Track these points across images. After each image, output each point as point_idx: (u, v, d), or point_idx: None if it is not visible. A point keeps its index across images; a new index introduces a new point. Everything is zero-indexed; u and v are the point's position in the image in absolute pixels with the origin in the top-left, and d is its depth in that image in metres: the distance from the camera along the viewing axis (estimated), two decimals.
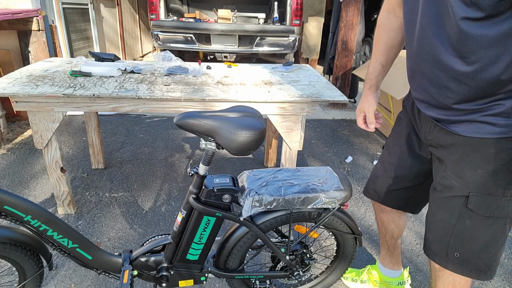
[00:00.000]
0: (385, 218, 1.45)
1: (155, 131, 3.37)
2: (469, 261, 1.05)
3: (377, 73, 1.26)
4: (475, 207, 0.99)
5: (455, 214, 1.03)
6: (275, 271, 1.37)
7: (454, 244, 1.06)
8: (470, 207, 1.00)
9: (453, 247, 1.06)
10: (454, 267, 1.08)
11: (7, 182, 2.38)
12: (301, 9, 4.87)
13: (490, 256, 1.04)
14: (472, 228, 1.02)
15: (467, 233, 1.03)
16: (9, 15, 2.80)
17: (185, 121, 1.05)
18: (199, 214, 1.17)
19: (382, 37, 1.22)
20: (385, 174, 1.32)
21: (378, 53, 1.24)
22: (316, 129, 3.60)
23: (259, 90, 1.84)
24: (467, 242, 1.04)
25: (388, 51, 1.23)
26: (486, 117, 0.93)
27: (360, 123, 1.32)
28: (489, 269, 1.05)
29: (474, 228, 1.02)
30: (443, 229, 1.07)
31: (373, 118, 1.29)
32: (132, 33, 6.44)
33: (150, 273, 1.29)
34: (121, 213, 2.12)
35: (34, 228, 1.10)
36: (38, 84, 1.76)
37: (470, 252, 1.05)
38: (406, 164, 1.24)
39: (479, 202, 0.99)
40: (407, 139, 1.23)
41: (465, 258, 1.06)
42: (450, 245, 1.07)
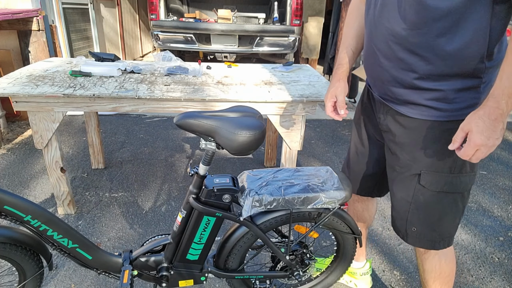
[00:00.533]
0: (359, 207, 1.50)
1: (155, 131, 3.37)
2: (425, 234, 1.16)
3: (348, 59, 1.28)
4: (427, 183, 1.09)
5: (411, 192, 1.13)
6: (275, 271, 1.37)
7: (411, 219, 1.16)
8: (422, 183, 1.10)
9: (410, 222, 1.17)
10: (413, 240, 1.19)
11: (7, 182, 2.38)
12: (301, 9, 4.87)
13: (443, 228, 1.14)
14: (425, 203, 1.12)
15: (421, 208, 1.13)
16: (9, 15, 2.80)
17: (185, 121, 1.05)
18: (199, 214, 1.17)
19: (353, 25, 1.27)
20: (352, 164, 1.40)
21: (349, 39, 1.28)
22: (316, 129, 3.60)
23: (259, 90, 1.84)
24: (422, 216, 1.14)
25: (358, 38, 1.27)
26: (428, 101, 1.02)
27: (329, 111, 1.27)
28: (443, 240, 1.16)
29: (426, 203, 1.12)
30: (402, 207, 1.17)
31: (344, 103, 1.27)
32: (132, 33, 6.44)
33: (150, 273, 1.29)
34: (121, 213, 2.12)
35: (34, 228, 1.10)
36: (38, 84, 1.76)
37: (425, 225, 1.15)
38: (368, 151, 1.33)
39: (429, 179, 1.08)
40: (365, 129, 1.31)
41: (421, 232, 1.16)
42: (408, 221, 1.17)
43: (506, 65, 0.86)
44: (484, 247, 1.97)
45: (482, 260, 1.88)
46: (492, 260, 1.88)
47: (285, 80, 2.07)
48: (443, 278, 1.24)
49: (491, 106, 0.87)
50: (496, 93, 0.87)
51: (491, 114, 0.87)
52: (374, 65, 1.12)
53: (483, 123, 0.88)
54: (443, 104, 1.01)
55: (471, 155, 0.91)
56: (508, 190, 2.59)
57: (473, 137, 0.89)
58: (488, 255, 1.92)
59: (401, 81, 1.05)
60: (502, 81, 0.86)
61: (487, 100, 0.88)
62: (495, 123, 0.87)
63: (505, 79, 0.85)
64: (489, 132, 0.88)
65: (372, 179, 1.37)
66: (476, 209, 2.33)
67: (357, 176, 1.39)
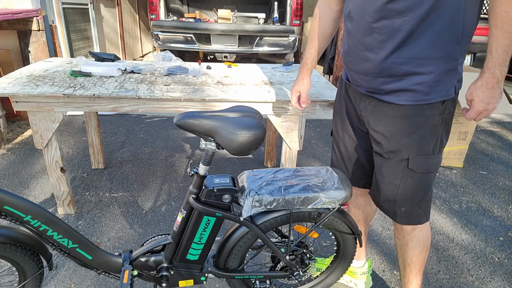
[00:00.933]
0: (362, 201, 1.53)
1: (155, 131, 3.37)
2: (413, 212, 1.26)
3: (312, 59, 1.43)
4: (414, 166, 1.18)
5: (399, 176, 1.21)
6: (275, 271, 1.37)
7: (400, 201, 1.24)
8: (411, 167, 1.18)
9: (399, 203, 1.25)
10: (402, 219, 1.28)
11: (7, 182, 2.38)
12: (301, 9, 4.87)
13: (426, 203, 1.26)
14: (413, 184, 1.21)
15: (409, 189, 1.21)
16: (9, 15, 2.80)
17: (185, 121, 1.05)
18: (199, 214, 1.17)
19: (318, 28, 1.39)
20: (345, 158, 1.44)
21: (314, 41, 1.41)
22: (316, 129, 3.60)
23: (259, 90, 1.84)
24: (409, 197, 1.23)
25: (322, 40, 1.40)
26: (414, 85, 1.09)
27: (294, 101, 1.49)
28: (425, 214, 1.28)
29: (414, 185, 1.21)
30: (390, 190, 1.25)
31: (307, 98, 1.47)
32: (132, 33, 6.44)
33: (150, 273, 1.29)
34: (121, 213, 2.12)
35: (34, 228, 1.10)
36: (38, 84, 1.76)
37: (412, 204, 1.24)
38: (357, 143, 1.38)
39: (417, 162, 1.17)
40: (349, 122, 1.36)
41: (409, 211, 1.26)
42: (397, 202, 1.25)
43: (492, 40, 0.98)
44: (484, 247, 1.97)
45: (482, 260, 1.88)
46: (492, 260, 1.88)
47: (285, 80, 2.07)
48: (425, 252, 1.35)
49: (487, 77, 1.01)
50: (489, 65, 1.00)
51: (488, 83, 1.01)
52: (357, 60, 1.17)
53: (482, 92, 1.02)
54: (427, 87, 1.09)
55: (475, 117, 1.07)
56: (508, 190, 2.59)
57: (475, 105, 1.04)
58: (488, 255, 1.92)
59: (388, 70, 1.10)
60: (493, 54, 0.99)
61: (483, 73, 1.01)
62: (493, 91, 1.01)
63: (495, 52, 0.98)
64: (488, 99, 1.02)
65: (366, 170, 1.41)
66: (476, 209, 2.33)
67: (353, 169, 1.43)
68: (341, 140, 1.42)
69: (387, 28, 1.06)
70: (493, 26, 0.97)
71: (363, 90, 1.22)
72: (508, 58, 0.98)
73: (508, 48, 0.97)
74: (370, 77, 1.16)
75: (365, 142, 1.35)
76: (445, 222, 2.18)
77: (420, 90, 1.09)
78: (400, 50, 1.06)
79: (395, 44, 1.06)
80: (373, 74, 1.14)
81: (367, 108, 1.23)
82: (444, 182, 2.65)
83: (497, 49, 0.97)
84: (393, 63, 1.09)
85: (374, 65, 1.12)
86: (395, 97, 1.13)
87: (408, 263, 1.38)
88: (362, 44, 1.13)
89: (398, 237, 1.37)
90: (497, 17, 0.95)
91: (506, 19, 0.94)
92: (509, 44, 0.96)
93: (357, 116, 1.31)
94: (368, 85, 1.18)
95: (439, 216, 2.24)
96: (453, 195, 2.48)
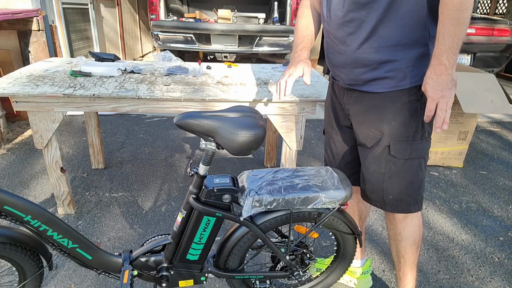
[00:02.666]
0: (354, 197, 1.54)
1: (155, 131, 3.37)
2: (401, 199, 1.27)
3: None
4: (396, 153, 1.20)
5: (383, 163, 1.24)
6: (275, 271, 1.37)
7: (386, 188, 1.26)
8: (392, 153, 1.21)
9: (386, 191, 1.27)
10: (391, 207, 1.29)
11: (7, 182, 2.38)
12: None
13: (415, 191, 1.26)
14: (397, 171, 1.23)
15: (394, 176, 1.24)
16: (9, 15, 2.80)
17: (185, 121, 1.05)
18: (199, 214, 1.17)
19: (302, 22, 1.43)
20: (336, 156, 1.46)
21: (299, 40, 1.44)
22: (316, 129, 3.60)
23: (259, 90, 1.84)
24: (395, 184, 1.25)
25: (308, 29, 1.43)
26: (388, 72, 1.14)
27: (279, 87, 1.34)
28: (416, 203, 1.28)
29: (398, 171, 1.23)
30: (376, 179, 1.27)
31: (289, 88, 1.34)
32: (132, 33, 6.44)
33: (150, 273, 1.29)
34: (121, 213, 2.12)
35: (34, 228, 1.10)
36: (38, 84, 1.76)
37: (400, 192, 1.25)
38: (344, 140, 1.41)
39: (398, 148, 1.20)
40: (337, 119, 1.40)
41: (397, 198, 1.27)
42: (384, 191, 1.27)
43: (439, 27, 1.01)
44: (484, 247, 1.97)
45: (482, 260, 1.88)
46: (492, 260, 1.88)
47: None
48: (417, 242, 1.36)
49: (434, 64, 1.03)
50: (436, 52, 1.02)
51: (436, 70, 1.03)
52: (334, 54, 1.24)
53: (431, 80, 1.04)
54: (401, 74, 1.13)
55: (433, 109, 1.06)
56: (508, 190, 2.58)
57: (429, 94, 1.05)
58: (488, 255, 1.92)
59: (361, 60, 1.16)
60: (439, 40, 1.01)
61: (432, 60, 1.04)
62: (442, 77, 1.02)
63: (441, 39, 1.00)
64: (439, 85, 1.03)
65: (356, 166, 1.43)
66: (476, 209, 2.33)
67: (343, 166, 1.46)
68: (331, 138, 1.46)
69: (355, 21, 1.12)
70: (440, 13, 1.00)
71: (344, 84, 1.27)
72: (455, 45, 0.99)
73: (454, 34, 0.98)
74: (347, 69, 1.21)
75: (351, 138, 1.38)
76: (445, 222, 2.18)
77: (394, 76, 1.14)
78: (369, 40, 1.12)
79: (364, 35, 1.12)
80: (349, 65, 1.20)
81: (349, 101, 1.28)
82: (444, 182, 2.65)
83: (443, 36, 1.00)
84: (365, 53, 1.14)
85: (348, 57, 1.18)
86: (373, 86, 1.18)
87: (402, 254, 1.39)
88: (336, 38, 1.20)
89: (390, 228, 1.38)
90: (443, 4, 0.99)
91: (450, 5, 0.97)
92: (455, 31, 0.98)
93: (342, 112, 1.36)
94: (347, 77, 1.23)
95: (439, 216, 2.24)
96: (453, 195, 2.48)
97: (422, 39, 1.10)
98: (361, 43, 1.13)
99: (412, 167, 1.22)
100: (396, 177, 1.24)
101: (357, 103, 1.25)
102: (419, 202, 1.29)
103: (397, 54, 1.11)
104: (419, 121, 1.18)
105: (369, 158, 1.27)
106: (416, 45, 1.10)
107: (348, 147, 1.41)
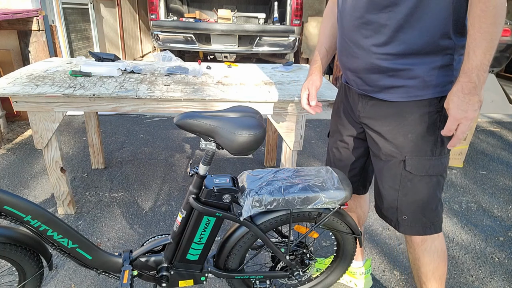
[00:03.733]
0: (352, 204, 1.51)
1: (155, 131, 3.37)
2: (416, 220, 1.17)
3: (322, 56, 1.37)
4: (412, 168, 1.11)
5: (398, 179, 1.15)
6: (275, 271, 1.37)
7: (400, 207, 1.17)
8: (408, 169, 1.12)
9: (401, 211, 1.18)
10: (404, 228, 1.20)
11: (7, 182, 2.38)
12: (301, 9, 4.87)
13: (431, 212, 1.16)
14: (412, 189, 1.14)
15: (410, 195, 1.14)
16: (9, 15, 2.80)
17: (185, 121, 1.05)
18: (199, 214, 1.17)
19: (327, 25, 1.36)
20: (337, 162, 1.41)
21: (323, 39, 1.37)
22: (316, 129, 3.60)
23: (259, 90, 1.84)
24: (411, 203, 1.15)
25: (332, 37, 1.36)
26: (405, 80, 1.05)
27: (304, 103, 1.37)
28: (433, 225, 1.18)
29: (414, 189, 1.13)
30: (391, 196, 1.18)
31: (314, 96, 1.36)
32: (132, 33, 6.44)
33: (150, 273, 1.29)
34: (121, 213, 2.12)
35: (34, 228, 1.10)
36: (38, 84, 1.76)
37: (414, 212, 1.16)
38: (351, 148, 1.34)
39: (414, 164, 1.11)
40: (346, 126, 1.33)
41: (412, 219, 1.17)
42: (398, 209, 1.18)
43: (470, 41, 0.92)
44: (484, 247, 1.97)
45: (482, 260, 1.88)
46: (492, 260, 1.88)
47: (285, 80, 2.07)
48: (440, 271, 1.25)
49: (463, 81, 0.94)
50: (466, 68, 0.93)
51: (464, 88, 0.93)
52: (349, 57, 1.16)
53: (457, 98, 0.94)
54: (420, 82, 1.05)
55: (454, 129, 0.97)
56: (508, 190, 2.58)
57: (452, 112, 0.96)
58: (488, 255, 1.92)
59: (377, 66, 1.08)
60: (470, 56, 0.92)
61: (460, 76, 0.95)
62: (470, 97, 0.93)
63: (472, 54, 0.92)
64: (464, 105, 0.94)
65: (356, 175, 1.39)
66: (476, 209, 2.33)
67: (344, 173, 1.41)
68: (335, 143, 1.39)
69: (373, 24, 1.04)
70: (471, 26, 0.91)
71: (358, 90, 1.19)
72: (486, 61, 0.91)
73: (486, 50, 0.90)
74: (362, 74, 1.14)
75: (358, 147, 1.32)
76: (445, 222, 2.18)
77: (412, 85, 1.06)
78: (388, 46, 1.04)
79: (383, 40, 1.04)
80: (364, 71, 1.12)
81: (365, 108, 1.19)
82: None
83: (474, 51, 0.91)
84: (382, 59, 1.06)
85: (363, 62, 1.10)
86: (389, 94, 1.10)
87: (423, 281, 1.27)
88: (351, 40, 1.12)
89: (409, 251, 1.28)
90: (474, 16, 0.90)
91: (484, 18, 0.89)
92: (487, 47, 0.90)
93: (354, 120, 1.28)
94: (361, 83, 1.16)
95: None
96: (453, 195, 2.48)
97: (446, 48, 1.01)
98: (379, 48, 1.05)
99: (429, 185, 1.13)
100: (411, 195, 1.14)
101: (372, 112, 1.17)
102: (436, 224, 1.18)
103: (417, 62, 1.03)
104: (438, 135, 1.09)
105: (384, 172, 1.18)
106: (439, 54, 1.02)
107: (354, 155, 1.34)
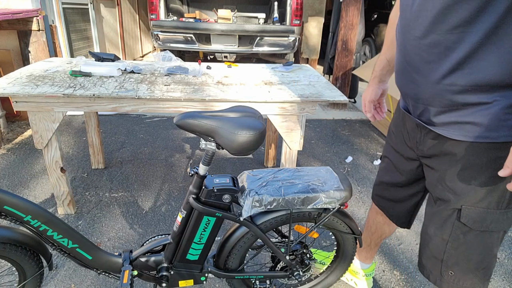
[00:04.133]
0: (381, 219, 1.43)
1: (155, 131, 3.37)
2: (464, 279, 1.00)
3: (382, 67, 1.27)
4: (469, 221, 0.93)
5: (448, 229, 0.98)
6: (275, 271, 1.37)
7: (447, 261, 1.00)
8: (463, 221, 0.94)
9: (446, 265, 1.01)
10: (448, 285, 1.03)
11: (7, 182, 2.38)
12: (301, 9, 4.87)
13: (484, 270, 0.99)
14: (466, 243, 0.96)
15: (461, 249, 0.97)
16: (9, 15, 2.80)
17: (185, 121, 1.05)
18: (199, 214, 1.17)
19: (390, 33, 1.21)
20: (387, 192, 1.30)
21: (385, 48, 1.25)
22: (316, 129, 3.60)
23: (259, 90, 1.84)
24: (461, 259, 0.98)
25: (393, 47, 1.21)
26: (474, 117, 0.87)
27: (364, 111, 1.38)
28: (483, 284, 1.01)
29: (468, 244, 0.96)
30: (435, 245, 1.02)
31: (370, 107, 1.34)
32: (132, 33, 6.44)
33: (150, 273, 1.29)
34: (121, 213, 2.12)
35: (34, 228, 1.10)
36: (38, 84, 1.76)
37: (465, 270, 0.99)
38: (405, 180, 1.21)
39: (473, 216, 0.93)
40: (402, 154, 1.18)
41: (460, 277, 1.00)
42: (444, 262, 1.01)
43: None
44: None
45: None
46: None
47: (285, 80, 2.07)
48: None
49: None
50: None
51: None
52: (406, 82, 0.99)
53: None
54: (493, 121, 0.84)
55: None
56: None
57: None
58: None
59: (440, 98, 0.89)
60: None
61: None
62: None
63: None
64: None
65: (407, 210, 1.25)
66: None
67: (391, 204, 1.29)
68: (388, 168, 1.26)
69: (438, 46, 0.85)
70: None
71: (416, 119, 1.02)
72: None
73: None
74: (421, 103, 0.96)
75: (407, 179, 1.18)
76: None
77: (483, 123, 0.85)
78: (455, 74, 0.84)
79: (449, 66, 0.84)
80: (424, 100, 0.94)
81: (425, 141, 1.02)
82: None
83: None
84: (447, 90, 0.87)
85: (423, 90, 0.92)
86: (453, 131, 0.91)
87: None
88: (410, 64, 0.94)
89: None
90: None
91: None
92: None
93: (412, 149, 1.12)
94: (420, 112, 0.99)
95: None
96: None
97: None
98: (444, 76, 0.86)
99: (488, 241, 0.94)
100: (464, 250, 0.96)
101: (432, 146, 1.00)
102: (486, 283, 1.01)
103: (492, 97, 0.82)
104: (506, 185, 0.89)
105: (432, 216, 1.02)
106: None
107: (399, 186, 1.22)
